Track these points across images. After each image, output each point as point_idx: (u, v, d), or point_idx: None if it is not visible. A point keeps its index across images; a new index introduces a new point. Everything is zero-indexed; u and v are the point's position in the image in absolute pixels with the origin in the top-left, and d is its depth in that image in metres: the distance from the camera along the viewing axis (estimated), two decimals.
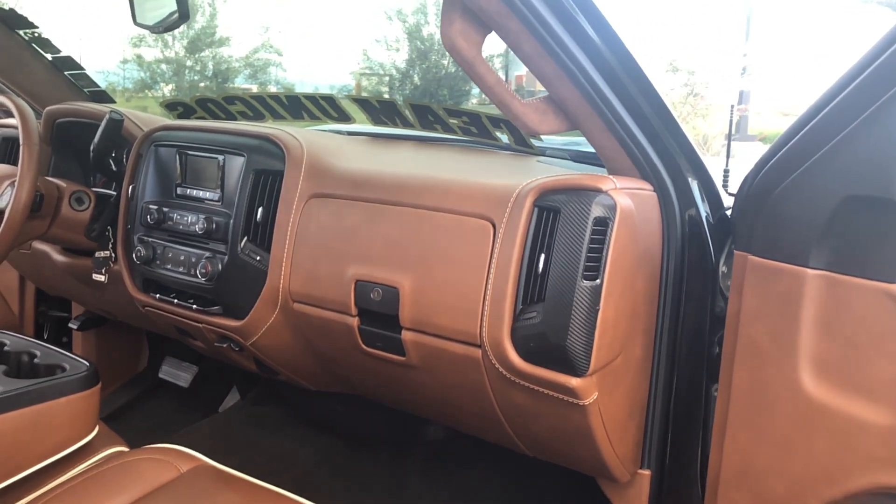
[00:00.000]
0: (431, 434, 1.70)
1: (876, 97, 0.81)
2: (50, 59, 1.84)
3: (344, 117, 1.73)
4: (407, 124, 1.62)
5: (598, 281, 0.96)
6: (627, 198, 1.00)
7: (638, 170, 1.08)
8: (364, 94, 1.82)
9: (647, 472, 1.19)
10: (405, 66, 14.76)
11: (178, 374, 2.04)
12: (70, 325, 2.02)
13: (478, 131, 1.54)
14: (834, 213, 0.88)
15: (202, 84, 15.27)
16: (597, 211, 0.97)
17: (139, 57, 15.35)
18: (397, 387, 1.28)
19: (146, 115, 1.64)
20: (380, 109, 1.64)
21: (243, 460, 1.17)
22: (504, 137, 1.55)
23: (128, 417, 2.01)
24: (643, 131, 1.06)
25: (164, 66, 15.37)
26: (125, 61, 15.32)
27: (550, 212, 1.01)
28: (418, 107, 1.58)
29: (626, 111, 1.03)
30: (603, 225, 0.97)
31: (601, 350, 0.98)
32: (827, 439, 0.90)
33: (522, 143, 1.52)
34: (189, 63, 15.33)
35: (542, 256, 1.00)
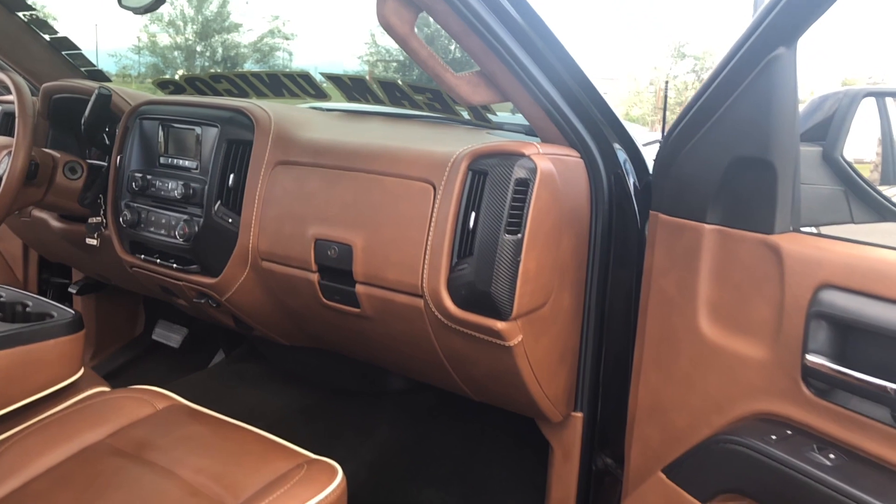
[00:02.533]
0: (394, 385, 1.83)
1: (750, 70, 0.92)
2: (48, 39, 1.96)
3: (320, 94, 1.84)
4: (378, 101, 1.74)
5: (519, 235, 1.08)
6: (549, 162, 1.11)
7: (565, 138, 1.19)
8: (375, 78, 1.92)
9: (579, 415, 1.30)
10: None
11: (169, 335, 2.18)
12: (69, 289, 2.16)
13: (441, 107, 1.65)
14: (724, 173, 0.98)
15: (212, 69, 15.49)
16: (519, 172, 1.08)
17: (153, 43, 15.57)
18: (357, 338, 1.40)
19: (133, 91, 1.77)
20: (352, 87, 1.75)
21: (222, 409, 1.29)
22: (465, 114, 1.66)
23: (125, 376, 2.15)
24: (568, 103, 1.16)
25: (175, 53, 15.57)
26: (140, 47, 15.56)
27: (481, 174, 1.12)
28: (386, 84, 1.70)
29: (550, 84, 1.13)
30: (524, 185, 1.08)
31: (523, 297, 1.09)
32: (718, 375, 1.01)
33: (481, 118, 1.63)
34: (199, 49, 15.54)
35: (473, 214, 1.12)
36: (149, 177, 1.55)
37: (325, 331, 1.46)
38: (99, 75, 2.09)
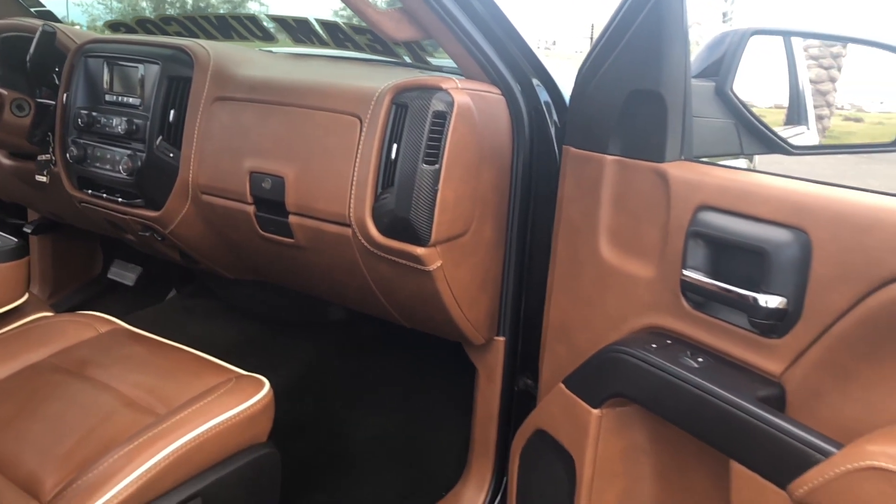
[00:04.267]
0: (334, 315, 1.91)
1: (643, 6, 0.98)
2: None
3: (267, 36, 1.88)
4: (322, 42, 1.78)
5: (436, 166, 1.14)
6: (467, 96, 1.17)
7: (486, 75, 1.25)
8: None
9: (501, 339, 1.38)
10: (385, 6, 14.62)
11: (124, 273, 2.24)
12: (24, 229, 2.20)
13: (382, 48, 1.70)
14: (623, 107, 1.05)
15: None
16: (436, 105, 1.14)
17: None
18: (294, 269, 1.47)
19: (80, 30, 1.79)
20: (297, 28, 1.79)
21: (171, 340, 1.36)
22: (407, 58, 1.71)
23: None
24: (488, 41, 1.22)
25: (144, 3, 15.26)
26: None
27: (403, 107, 1.18)
28: (329, 24, 1.74)
29: (470, 23, 1.19)
30: (441, 118, 1.14)
31: (442, 225, 1.16)
32: (615, 295, 1.09)
33: (420, 60, 1.68)
34: None
35: (395, 146, 1.18)
36: (94, 113, 1.58)
37: (265, 262, 1.52)
38: (49, 16, 2.10)
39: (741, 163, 1.87)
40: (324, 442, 1.65)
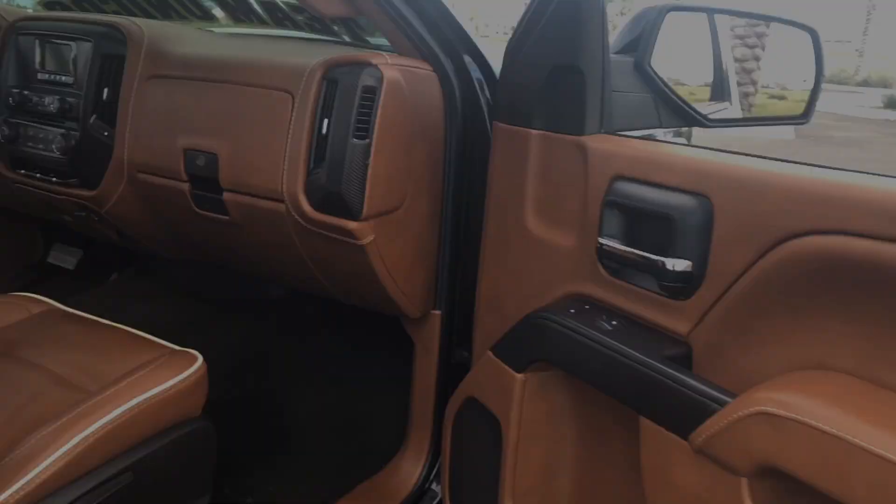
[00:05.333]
0: (274, 293, 1.92)
1: None
2: None
3: (207, 16, 1.87)
4: (262, 21, 1.78)
5: (367, 140, 1.16)
6: (397, 72, 1.18)
7: (417, 51, 1.27)
8: None
9: (437, 313, 1.41)
10: None
11: (64, 257, 2.21)
12: None
13: (321, 27, 1.71)
14: (545, 82, 1.08)
15: None
16: (366, 80, 1.16)
17: None
18: (231, 246, 1.47)
19: (11, 7, 1.75)
20: (235, 6, 1.78)
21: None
22: (346, 37, 1.72)
23: None
24: (419, 17, 1.24)
25: None
26: None
27: (334, 83, 1.19)
28: (267, 3, 1.73)
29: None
30: (371, 93, 1.16)
31: (373, 199, 1.18)
32: (540, 265, 1.12)
33: (359, 39, 1.69)
34: None
35: (326, 121, 1.19)
36: (26, 92, 1.56)
37: (202, 240, 1.53)
38: None
39: (681, 141, 1.92)
40: (264, 419, 1.67)
